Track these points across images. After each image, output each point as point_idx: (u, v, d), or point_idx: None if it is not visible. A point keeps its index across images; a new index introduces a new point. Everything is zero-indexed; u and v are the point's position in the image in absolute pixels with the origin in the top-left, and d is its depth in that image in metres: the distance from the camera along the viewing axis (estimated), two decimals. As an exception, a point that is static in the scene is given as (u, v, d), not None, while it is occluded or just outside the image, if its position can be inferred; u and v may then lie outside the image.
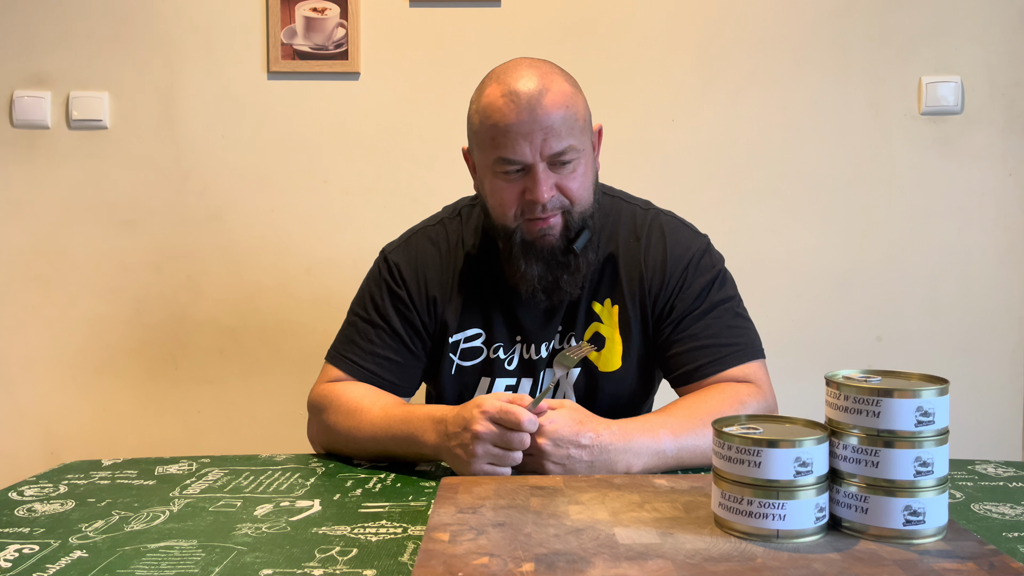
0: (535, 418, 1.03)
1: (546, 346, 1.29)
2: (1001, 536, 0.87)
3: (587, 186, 1.22)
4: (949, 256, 2.06)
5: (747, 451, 0.77)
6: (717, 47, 2.05)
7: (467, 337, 1.30)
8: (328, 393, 1.27)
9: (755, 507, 0.77)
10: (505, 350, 1.30)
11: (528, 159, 1.17)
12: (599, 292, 1.29)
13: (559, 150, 1.17)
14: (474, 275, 1.31)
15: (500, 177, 1.20)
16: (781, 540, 0.76)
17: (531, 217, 1.20)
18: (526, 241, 1.22)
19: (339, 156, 2.06)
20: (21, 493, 1.07)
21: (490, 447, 1.03)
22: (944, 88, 2.03)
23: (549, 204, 1.19)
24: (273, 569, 0.80)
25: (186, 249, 2.08)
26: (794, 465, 0.76)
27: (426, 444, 1.11)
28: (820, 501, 0.78)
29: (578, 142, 1.19)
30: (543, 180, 1.17)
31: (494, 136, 1.17)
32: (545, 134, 1.15)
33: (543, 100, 1.15)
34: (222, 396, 2.10)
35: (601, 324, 1.29)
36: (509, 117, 1.16)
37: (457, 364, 1.31)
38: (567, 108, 1.17)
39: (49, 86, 2.06)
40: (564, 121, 1.16)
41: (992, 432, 2.06)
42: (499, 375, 1.30)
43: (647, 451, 1.08)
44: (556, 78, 1.19)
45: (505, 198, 1.21)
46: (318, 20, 2.03)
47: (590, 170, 1.24)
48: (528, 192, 1.19)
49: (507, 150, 1.17)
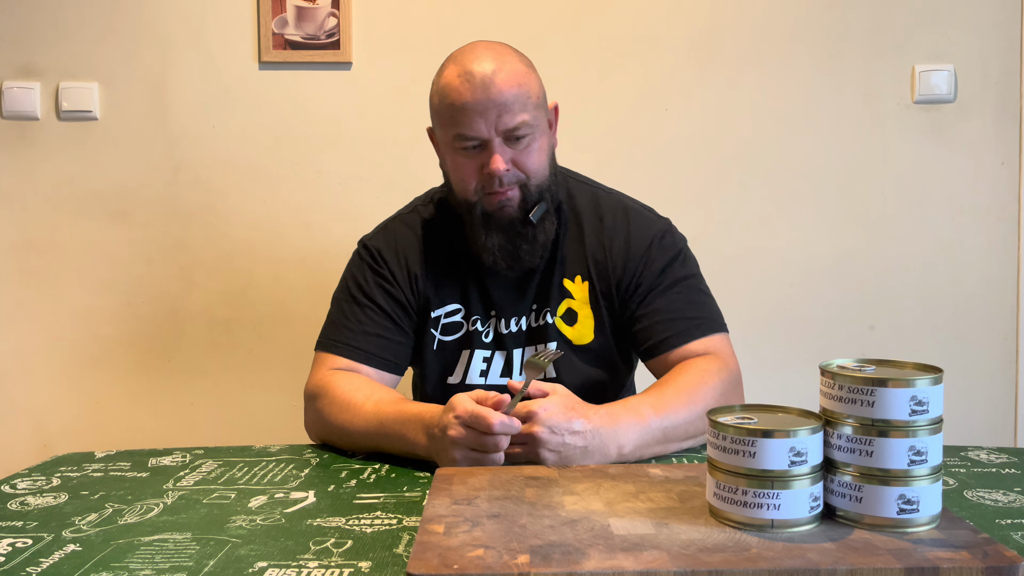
0: (509, 420, 1.02)
1: (516, 321, 1.35)
2: (994, 523, 0.87)
3: (542, 160, 1.30)
4: (942, 244, 2.06)
5: (742, 441, 0.77)
6: (710, 36, 2.05)
7: (447, 312, 1.36)
8: (323, 384, 1.27)
9: (750, 497, 0.77)
10: (482, 323, 1.36)
11: (484, 135, 1.24)
12: (569, 269, 1.35)
13: (513, 125, 1.24)
14: (450, 253, 1.37)
15: (460, 153, 1.28)
16: (775, 530, 0.76)
17: (490, 191, 1.28)
18: (486, 213, 1.29)
19: (331, 146, 2.05)
20: (14, 486, 1.06)
21: (466, 451, 1.04)
22: (937, 77, 2.03)
23: (506, 178, 1.26)
24: (268, 561, 0.80)
25: (178, 241, 2.07)
26: (788, 455, 0.76)
27: (418, 444, 1.11)
28: (814, 491, 0.78)
29: (532, 118, 1.26)
30: (499, 154, 1.25)
31: (452, 114, 1.25)
32: (499, 111, 1.23)
33: (496, 79, 1.23)
34: (215, 388, 2.09)
35: (573, 300, 1.35)
36: (465, 96, 1.23)
37: (439, 339, 1.36)
38: (520, 86, 1.25)
39: (38, 77, 2.04)
40: (517, 98, 1.24)
41: (984, 419, 2.07)
42: (477, 347, 1.36)
43: (635, 430, 1.11)
44: (510, 58, 1.27)
45: (465, 173, 1.28)
46: (309, 9, 2.02)
47: (545, 145, 1.31)
48: (486, 166, 1.26)
49: (464, 127, 1.25)
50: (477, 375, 1.36)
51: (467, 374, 1.36)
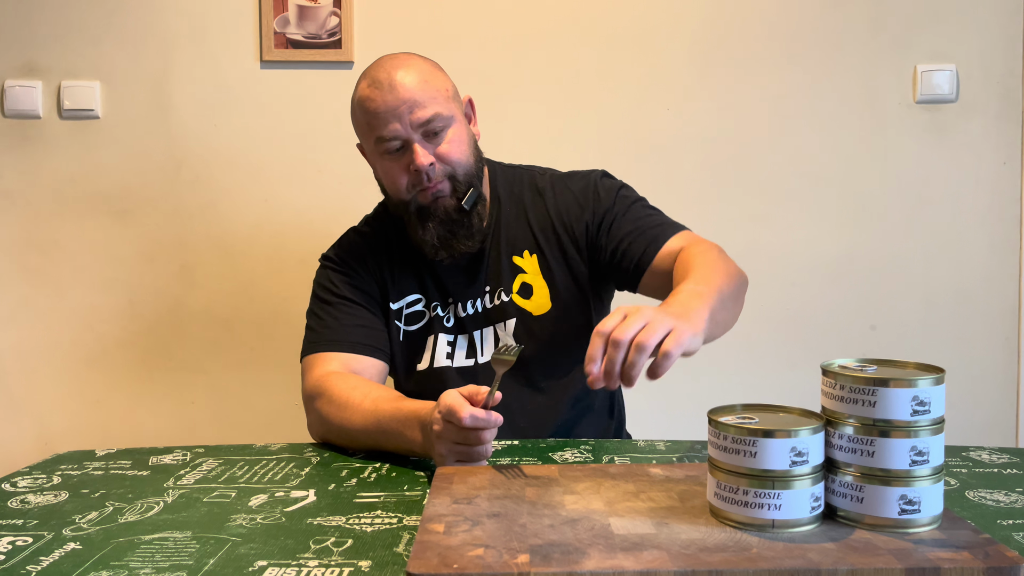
0: (481, 413, 1.00)
1: (472, 304, 1.40)
2: (996, 524, 0.87)
3: (464, 150, 1.35)
4: (943, 244, 2.06)
5: (743, 441, 0.77)
6: (712, 36, 2.05)
7: (408, 303, 1.42)
8: (320, 384, 1.28)
9: (751, 497, 0.77)
10: (442, 308, 1.42)
11: (402, 134, 1.30)
12: (516, 247, 1.41)
13: (426, 118, 1.30)
14: (403, 250, 1.43)
15: (386, 157, 1.34)
16: (776, 530, 0.76)
17: (420, 187, 1.33)
18: (421, 207, 1.35)
19: (333, 145, 2.04)
20: (14, 484, 1.06)
21: (452, 445, 1.03)
22: (939, 76, 2.02)
23: (432, 172, 1.32)
24: (268, 560, 0.80)
25: (179, 239, 2.07)
26: (790, 455, 0.76)
27: (415, 441, 1.11)
28: (816, 491, 0.78)
29: (443, 110, 1.32)
30: (420, 149, 1.30)
31: (368, 121, 1.33)
32: (410, 107, 1.29)
33: (404, 80, 1.31)
34: (216, 386, 2.09)
35: (525, 274, 1.41)
36: (376, 101, 1.31)
37: (404, 330, 1.41)
38: (425, 82, 1.32)
39: (40, 75, 2.04)
40: (424, 93, 1.30)
41: (986, 419, 2.07)
42: (439, 331, 1.41)
43: (700, 300, 1.03)
44: (412, 60, 1.35)
45: (395, 175, 1.34)
46: (311, 9, 2.02)
47: (465, 135, 1.36)
48: (412, 164, 1.31)
49: (381, 129, 1.31)
50: (443, 358, 1.40)
51: (434, 358, 1.40)
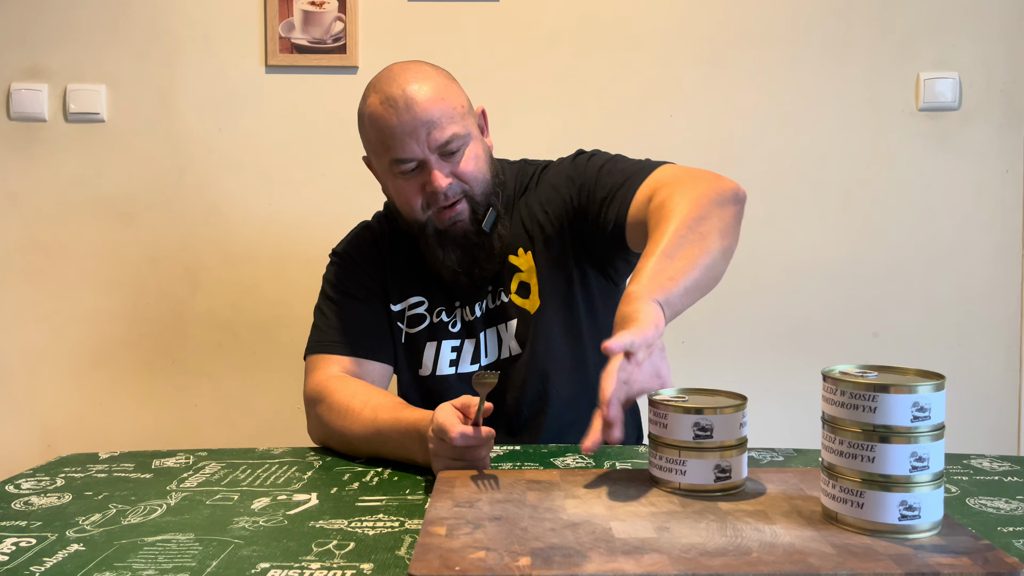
0: (470, 431, 0.99)
1: (479, 305, 1.37)
2: (996, 531, 0.87)
3: (481, 168, 1.31)
4: (945, 252, 2.06)
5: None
6: (716, 43, 2.05)
7: (411, 304, 1.39)
8: (321, 389, 1.28)
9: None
10: (447, 313, 1.38)
11: (419, 155, 1.25)
12: (511, 246, 1.38)
13: (444, 140, 1.25)
14: (411, 251, 1.39)
15: (400, 177, 1.29)
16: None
17: (437, 208, 1.29)
18: (439, 231, 1.31)
19: (337, 150, 2.05)
20: (18, 486, 1.06)
21: (448, 461, 1.03)
22: (942, 84, 2.03)
23: (449, 191, 1.27)
24: (270, 563, 0.80)
25: (183, 243, 2.08)
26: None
27: (415, 452, 1.11)
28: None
29: (460, 128, 1.27)
30: (438, 171, 1.26)
31: (383, 140, 1.26)
32: (428, 128, 1.24)
33: (419, 98, 1.24)
34: (219, 390, 2.09)
35: (521, 273, 1.37)
36: (391, 121, 1.24)
37: (406, 332, 1.39)
38: (442, 100, 1.26)
39: (46, 79, 2.05)
40: (443, 112, 1.25)
41: (987, 427, 2.07)
42: (444, 337, 1.38)
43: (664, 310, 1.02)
44: (425, 73, 1.28)
45: (409, 195, 1.29)
46: (316, 14, 2.03)
47: (481, 152, 1.32)
48: (428, 185, 1.27)
49: (397, 151, 1.26)
50: (447, 366, 1.38)
51: (436, 366, 1.38)
